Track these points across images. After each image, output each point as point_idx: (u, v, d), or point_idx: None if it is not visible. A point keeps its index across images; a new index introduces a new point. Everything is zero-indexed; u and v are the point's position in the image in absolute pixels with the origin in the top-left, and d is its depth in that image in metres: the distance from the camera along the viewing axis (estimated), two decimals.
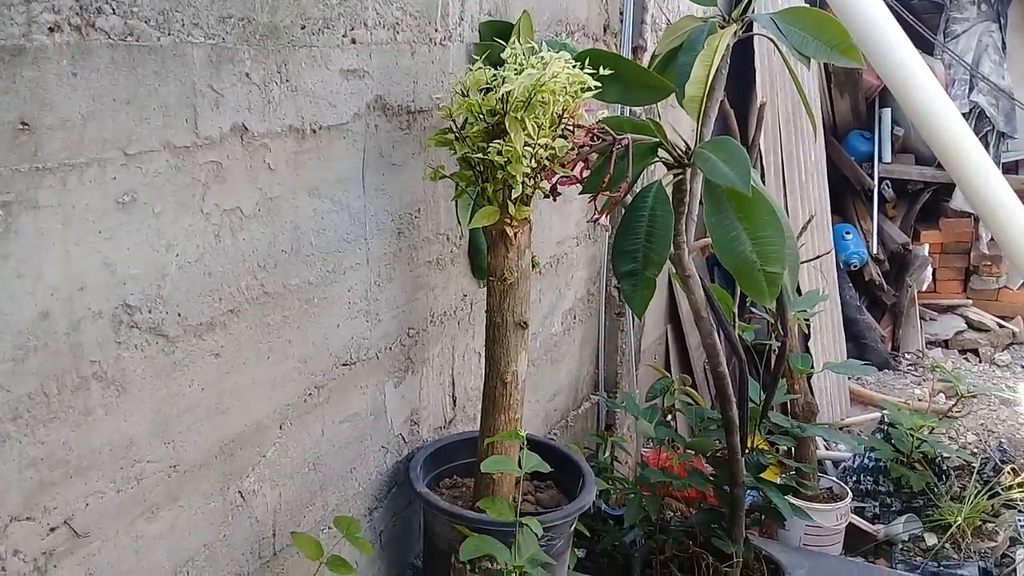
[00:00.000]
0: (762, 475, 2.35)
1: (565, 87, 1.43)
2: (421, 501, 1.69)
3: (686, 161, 1.65)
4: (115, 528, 1.17)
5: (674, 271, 1.90)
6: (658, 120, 1.98)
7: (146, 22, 1.10)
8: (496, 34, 1.79)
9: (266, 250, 1.36)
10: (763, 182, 3.61)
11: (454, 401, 2.00)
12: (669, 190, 1.69)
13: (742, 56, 3.65)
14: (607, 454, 2.60)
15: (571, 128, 1.52)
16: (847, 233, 4.55)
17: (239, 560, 1.40)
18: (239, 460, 1.37)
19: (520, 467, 1.47)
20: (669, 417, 2.74)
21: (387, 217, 1.65)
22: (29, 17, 0.96)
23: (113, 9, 1.05)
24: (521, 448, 1.51)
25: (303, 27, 1.36)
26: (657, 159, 1.65)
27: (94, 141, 1.06)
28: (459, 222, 1.87)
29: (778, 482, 2.45)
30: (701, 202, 1.86)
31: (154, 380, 1.19)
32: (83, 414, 1.10)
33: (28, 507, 1.05)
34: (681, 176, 1.68)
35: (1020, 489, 3.17)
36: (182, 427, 1.25)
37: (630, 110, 2.38)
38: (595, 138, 1.54)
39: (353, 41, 1.48)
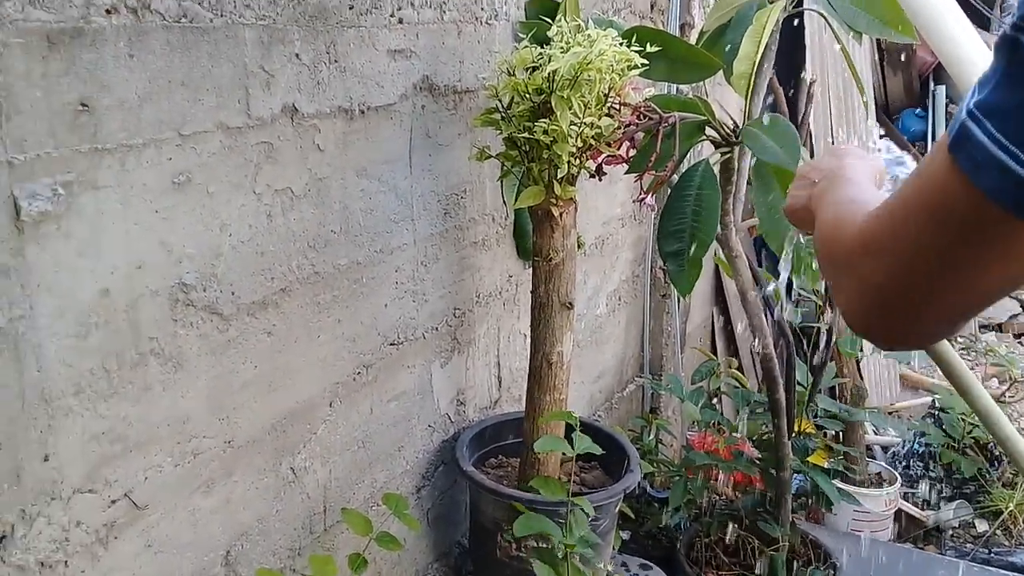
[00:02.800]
0: (809, 459, 2.32)
1: (612, 65, 1.42)
2: (468, 480, 1.70)
3: (734, 139, 1.63)
4: (173, 501, 1.20)
5: (720, 252, 1.88)
6: (705, 98, 1.95)
7: (199, 4, 1.12)
8: (542, 12, 1.77)
9: (316, 230, 1.38)
10: None
11: (499, 382, 2.01)
12: (716, 169, 1.67)
13: (792, 33, 3.58)
14: (652, 436, 2.59)
15: (617, 107, 1.51)
16: None
17: (291, 535, 1.43)
18: (291, 437, 1.40)
19: (572, 448, 1.47)
20: (715, 400, 2.73)
21: (433, 197, 1.66)
22: (87, 0, 0.98)
23: None
24: (572, 429, 1.51)
25: (351, 7, 1.37)
26: (704, 138, 1.63)
27: (150, 122, 1.08)
28: (504, 203, 1.87)
29: (825, 466, 2.42)
30: (749, 181, 1.84)
31: (209, 357, 1.22)
32: (142, 390, 1.12)
33: (90, 480, 1.08)
34: (729, 155, 1.66)
35: None
36: (236, 404, 1.28)
37: (677, 88, 2.35)
38: (641, 116, 1.53)
39: (400, 21, 1.48)
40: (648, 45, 1.49)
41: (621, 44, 1.46)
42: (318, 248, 1.39)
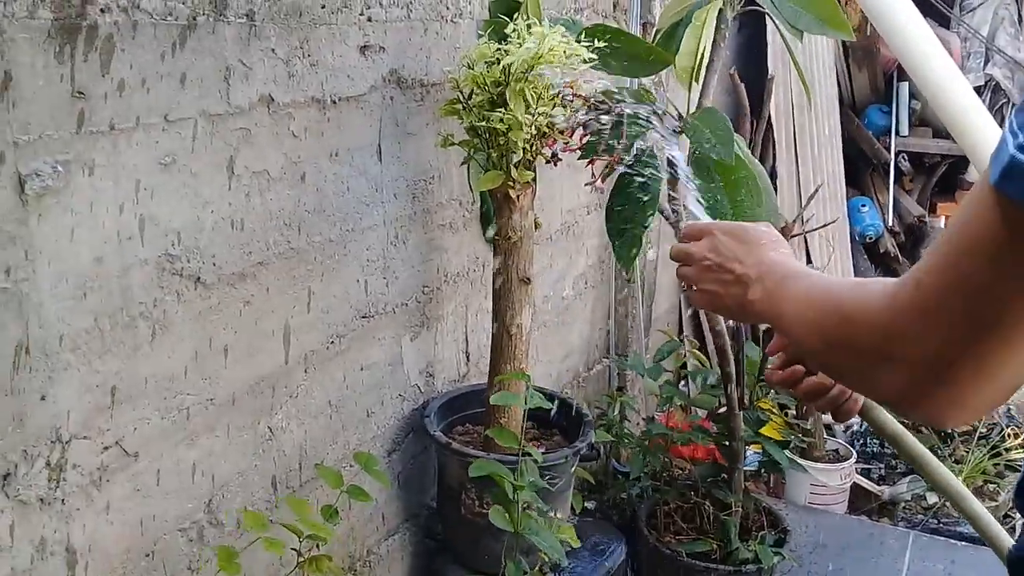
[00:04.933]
0: (761, 431, 2.47)
1: (562, 59, 1.55)
2: (435, 444, 1.84)
3: (679, 129, 1.77)
4: (160, 451, 1.33)
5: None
6: (664, 90, 2.09)
7: (183, 3, 1.25)
8: (504, 12, 1.90)
9: (292, 209, 1.51)
10: (773, 153, 3.70)
11: (467, 357, 2.14)
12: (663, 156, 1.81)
13: (760, 31, 3.73)
14: (616, 412, 2.73)
15: (570, 98, 1.64)
16: (863, 206, 4.61)
17: (268, 488, 1.56)
18: (268, 398, 1.53)
19: (525, 403, 1.61)
20: (681, 382, 2.88)
21: (403, 182, 1.79)
22: (84, 0, 1.11)
23: None
24: (527, 388, 1.66)
25: (323, 6, 1.50)
26: (651, 127, 1.77)
27: (139, 109, 1.21)
28: (470, 188, 2.01)
29: (779, 439, 2.56)
30: None
31: (193, 322, 1.35)
32: (132, 348, 1.26)
33: (86, 427, 1.21)
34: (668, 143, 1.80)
35: (1021, 450, 3.26)
36: (217, 366, 1.41)
37: (639, 82, 2.49)
38: (593, 107, 1.66)
39: (369, 19, 1.61)
40: (598, 40, 1.63)
41: (571, 40, 1.59)
42: (293, 226, 1.52)
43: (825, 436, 3.28)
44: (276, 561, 1.59)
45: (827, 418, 3.56)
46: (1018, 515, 3.02)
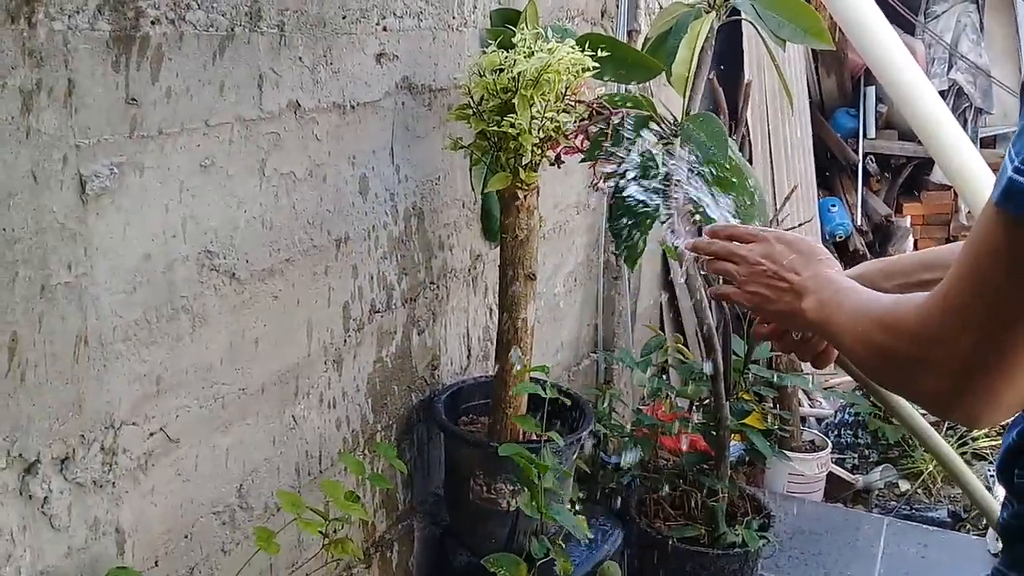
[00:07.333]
0: (745, 421, 2.59)
1: (568, 68, 1.65)
2: (445, 433, 1.92)
3: (674, 133, 1.88)
4: (198, 438, 1.40)
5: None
6: (651, 96, 2.20)
7: (223, 15, 1.33)
8: (505, 21, 2.00)
9: (314, 209, 1.59)
10: (750, 156, 3.84)
11: (469, 350, 2.23)
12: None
13: (734, 38, 3.87)
14: (605, 404, 2.84)
15: (573, 104, 1.74)
16: (832, 206, 4.78)
17: (291, 475, 1.64)
18: (292, 388, 1.61)
19: (545, 392, 1.71)
20: (664, 375, 2.99)
21: (412, 183, 1.88)
22: (137, 12, 1.19)
23: (199, 5, 1.28)
24: (544, 383, 1.76)
25: (344, 17, 1.59)
26: (649, 131, 1.87)
27: (184, 114, 1.29)
28: (473, 189, 2.10)
29: (761, 428, 2.69)
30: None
31: (228, 315, 1.42)
32: (175, 340, 1.33)
33: (134, 414, 1.28)
34: (670, 146, 1.90)
35: (987, 439, 3.43)
36: (248, 357, 1.49)
37: (625, 87, 2.60)
38: (594, 112, 1.77)
39: (384, 29, 1.70)
40: (599, 50, 1.73)
41: (577, 50, 1.69)
42: (315, 225, 1.60)
43: (801, 427, 3.42)
44: (297, 545, 1.67)
45: (803, 410, 3.70)
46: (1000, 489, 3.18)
